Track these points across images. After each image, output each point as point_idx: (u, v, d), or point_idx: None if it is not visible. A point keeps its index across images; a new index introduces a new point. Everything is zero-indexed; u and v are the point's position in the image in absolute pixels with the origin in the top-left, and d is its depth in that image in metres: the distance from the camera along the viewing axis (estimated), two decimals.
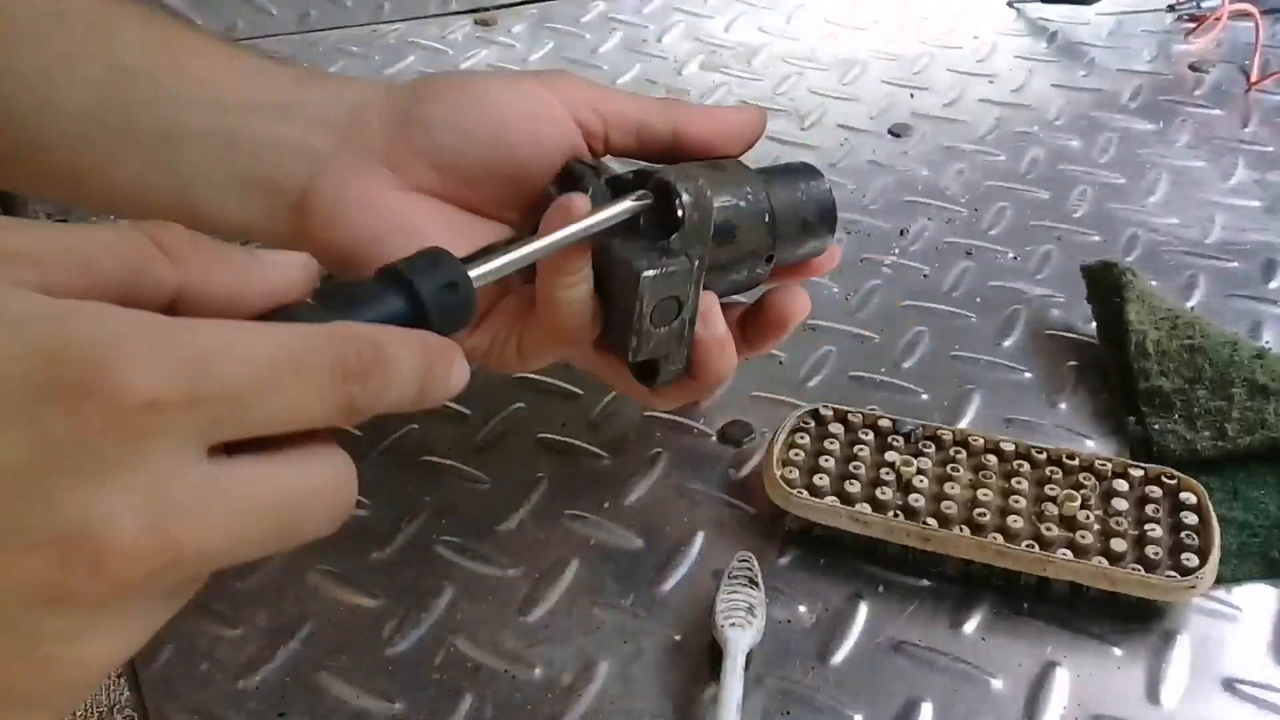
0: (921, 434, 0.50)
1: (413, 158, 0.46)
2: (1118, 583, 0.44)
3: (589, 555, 0.48)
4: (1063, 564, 0.44)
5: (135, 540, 0.25)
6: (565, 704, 0.42)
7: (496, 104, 0.46)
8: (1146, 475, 0.48)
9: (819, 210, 0.49)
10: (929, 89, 0.81)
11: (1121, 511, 0.46)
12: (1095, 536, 0.45)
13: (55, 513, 0.25)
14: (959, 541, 0.45)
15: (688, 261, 0.43)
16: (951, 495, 0.47)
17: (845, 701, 0.43)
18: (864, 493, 0.47)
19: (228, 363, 0.27)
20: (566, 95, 0.47)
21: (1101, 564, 0.44)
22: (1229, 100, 0.80)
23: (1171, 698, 0.43)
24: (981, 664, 0.44)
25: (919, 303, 0.62)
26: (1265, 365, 0.52)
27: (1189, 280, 0.63)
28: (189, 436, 0.26)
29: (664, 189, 0.43)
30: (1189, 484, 0.47)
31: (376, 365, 0.29)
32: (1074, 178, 0.72)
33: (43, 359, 0.25)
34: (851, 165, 0.73)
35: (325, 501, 0.29)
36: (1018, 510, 0.46)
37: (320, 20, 0.89)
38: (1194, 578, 0.44)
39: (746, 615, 0.43)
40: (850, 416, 0.51)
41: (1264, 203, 0.69)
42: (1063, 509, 0.46)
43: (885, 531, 0.46)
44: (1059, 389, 0.56)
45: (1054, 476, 0.48)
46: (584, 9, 0.90)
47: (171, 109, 0.45)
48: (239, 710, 0.42)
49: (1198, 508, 0.46)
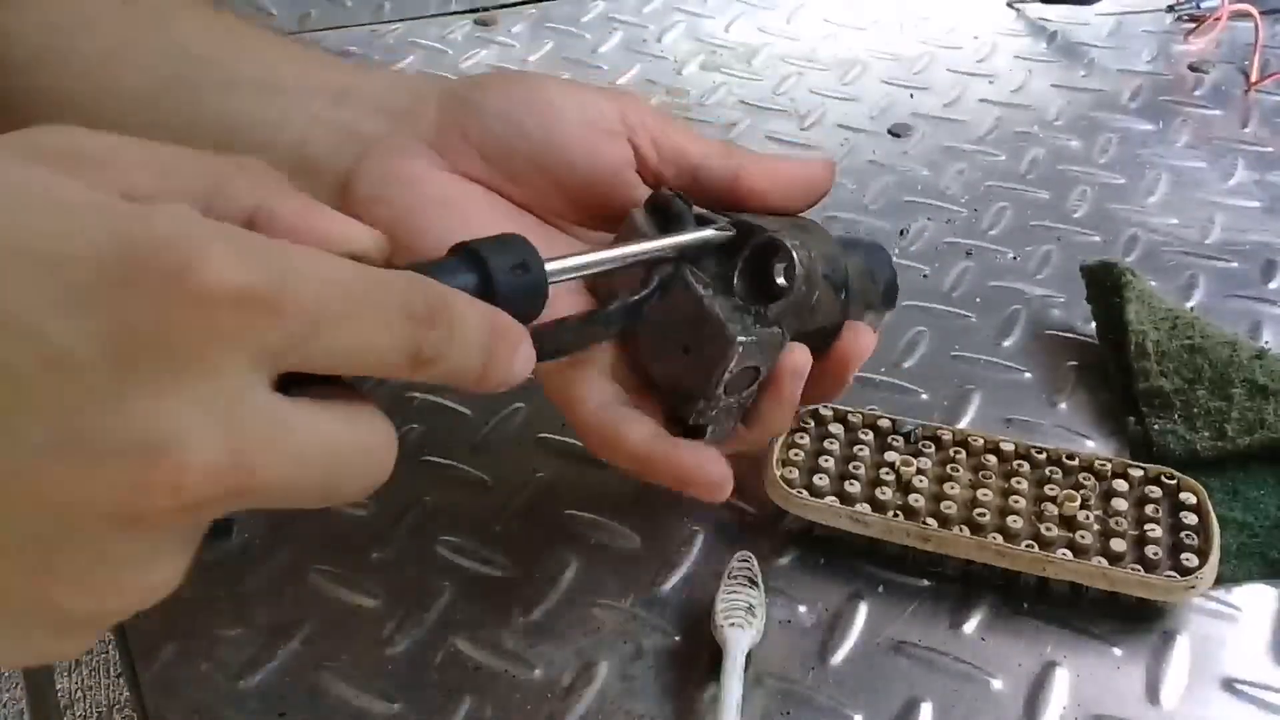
0: (921, 434, 0.50)
1: (462, 143, 0.45)
2: (1117, 583, 0.44)
3: (589, 555, 0.48)
4: (1062, 564, 0.44)
5: (216, 461, 0.24)
6: (565, 704, 0.42)
7: (556, 106, 0.45)
8: (1146, 475, 0.48)
9: (885, 294, 0.47)
10: (929, 89, 0.81)
11: (1121, 511, 0.46)
12: (1095, 537, 0.45)
13: (132, 421, 0.23)
14: (959, 542, 0.45)
15: (780, 334, 0.41)
16: (951, 495, 0.47)
17: (845, 701, 0.43)
18: (864, 493, 0.47)
19: (311, 279, 0.25)
20: (629, 117, 0.45)
21: (1101, 564, 0.44)
22: (1229, 100, 0.80)
23: (1171, 698, 0.43)
24: (981, 664, 0.44)
25: (919, 303, 0.62)
26: (1265, 365, 0.52)
27: (1189, 280, 0.63)
28: (264, 353, 0.25)
29: (771, 251, 0.41)
30: (1189, 484, 0.47)
31: (444, 316, 0.28)
32: (1074, 178, 0.72)
33: (124, 243, 0.23)
34: (851, 165, 0.73)
35: (370, 462, 0.28)
36: (1017, 510, 0.46)
37: (320, 20, 0.89)
38: (1193, 578, 0.44)
39: (746, 615, 0.43)
40: (850, 416, 0.51)
41: (1264, 203, 0.69)
42: (1062, 509, 0.46)
43: (884, 531, 0.46)
44: (1059, 389, 0.56)
45: (1054, 476, 0.48)
46: (584, 9, 0.90)
47: (227, 94, 0.45)
48: (239, 710, 0.42)
49: (1197, 508, 0.46)
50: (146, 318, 0.23)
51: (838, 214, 0.69)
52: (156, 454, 0.23)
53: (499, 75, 0.48)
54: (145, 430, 0.23)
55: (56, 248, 0.23)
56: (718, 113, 0.79)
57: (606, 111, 0.45)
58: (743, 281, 0.41)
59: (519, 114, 0.45)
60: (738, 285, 0.41)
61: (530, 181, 0.45)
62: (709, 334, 0.40)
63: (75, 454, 0.23)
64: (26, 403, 0.23)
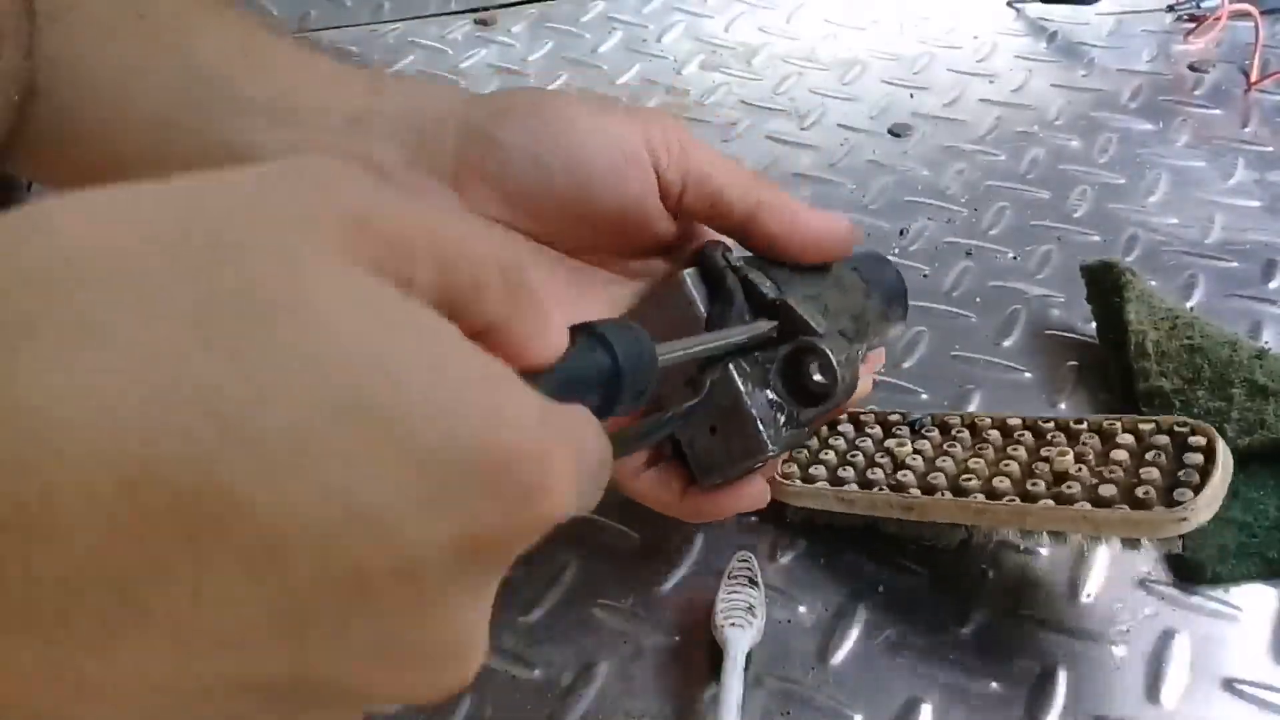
0: (929, 423, 0.49)
1: (482, 184, 0.43)
2: (1100, 525, 0.41)
3: (589, 555, 0.48)
4: (1041, 513, 0.42)
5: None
6: (565, 704, 0.42)
7: (579, 138, 0.43)
8: (1158, 426, 0.44)
9: (901, 311, 0.48)
10: (929, 89, 0.81)
11: (1119, 461, 0.43)
12: (1084, 488, 0.42)
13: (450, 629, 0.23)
14: (939, 505, 0.44)
15: (806, 433, 0.42)
16: (941, 468, 0.46)
17: (845, 701, 0.43)
18: (856, 476, 0.47)
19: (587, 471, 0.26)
20: (653, 140, 0.43)
21: (1084, 508, 0.41)
22: (1229, 100, 0.80)
23: (1171, 698, 0.43)
24: (981, 664, 0.44)
25: (919, 302, 0.62)
26: (1265, 366, 0.52)
27: (1189, 280, 0.63)
28: None
29: (808, 352, 0.42)
30: (1201, 428, 0.43)
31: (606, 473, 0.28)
32: (1074, 178, 0.72)
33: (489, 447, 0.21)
34: (851, 165, 0.73)
35: None
36: (1006, 473, 0.44)
37: (320, 20, 0.89)
38: (1184, 508, 0.40)
39: (746, 615, 0.43)
40: (862, 416, 0.51)
41: (1264, 203, 0.69)
42: (1054, 465, 0.44)
43: (869, 506, 0.46)
44: (1059, 389, 0.56)
45: (1054, 440, 0.46)
46: (584, 9, 0.90)
47: (238, 118, 0.44)
48: None
49: (1206, 448, 0.42)
50: (494, 532, 0.22)
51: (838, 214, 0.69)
52: (462, 662, 0.23)
53: (520, 100, 0.45)
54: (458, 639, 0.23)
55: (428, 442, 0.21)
56: (718, 112, 0.79)
57: (630, 136, 0.43)
58: (779, 379, 0.42)
59: (543, 151, 0.43)
60: (774, 382, 0.42)
61: (552, 217, 0.44)
62: (741, 428, 0.42)
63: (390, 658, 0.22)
64: (367, 607, 0.21)
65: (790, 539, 0.49)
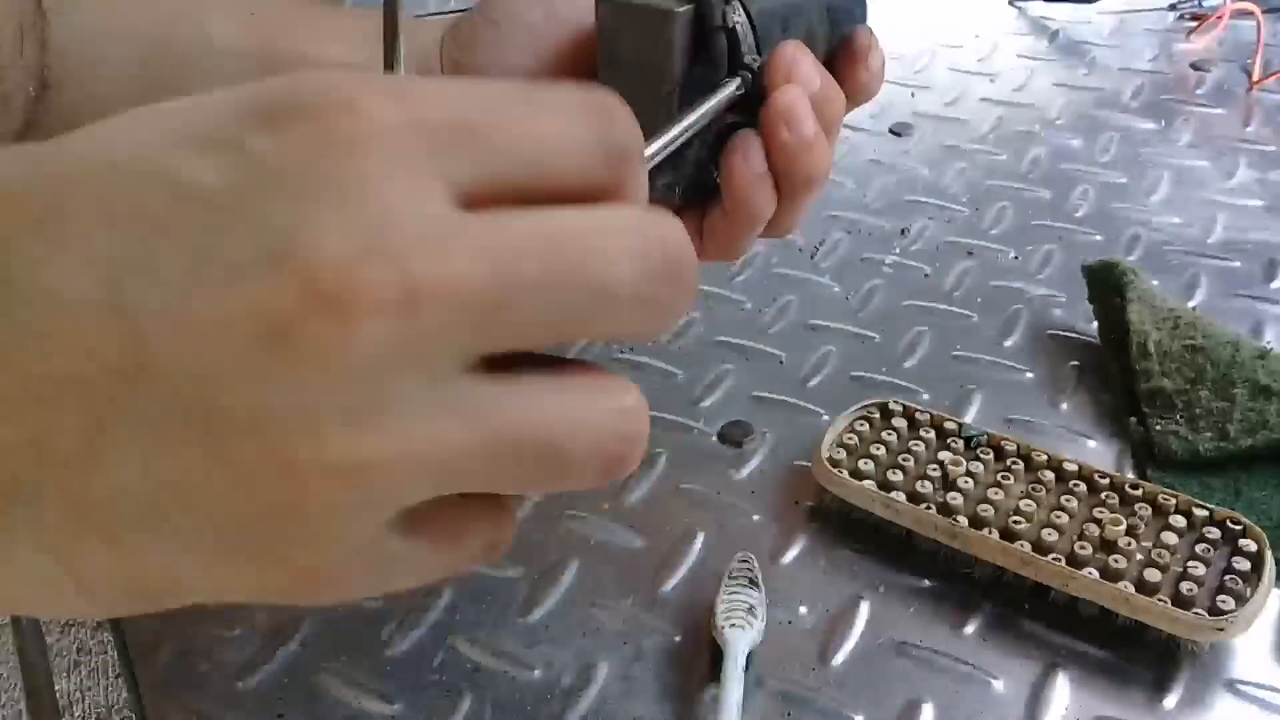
0: (984, 442, 0.49)
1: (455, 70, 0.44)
2: (1138, 611, 0.42)
3: (589, 555, 0.48)
4: (1085, 582, 0.43)
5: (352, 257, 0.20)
6: (565, 705, 0.42)
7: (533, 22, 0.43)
8: (1211, 516, 0.45)
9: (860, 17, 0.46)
10: (930, 88, 0.81)
11: (1170, 545, 0.44)
12: (1132, 564, 0.43)
13: (262, 234, 0.21)
14: (986, 543, 0.45)
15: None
16: (994, 500, 0.46)
17: (846, 703, 0.42)
18: (905, 484, 0.47)
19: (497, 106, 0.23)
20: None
21: (1126, 588, 0.42)
22: (1230, 99, 0.79)
23: (1173, 699, 0.42)
24: (983, 665, 0.44)
25: (920, 302, 0.62)
26: (1267, 366, 0.52)
27: (1191, 280, 0.63)
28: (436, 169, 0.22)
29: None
30: (1254, 532, 0.45)
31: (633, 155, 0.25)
32: (1075, 177, 0.72)
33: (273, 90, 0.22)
34: (852, 165, 0.73)
35: None
36: (1058, 525, 0.45)
37: None
38: (1224, 619, 0.41)
39: (747, 616, 0.43)
40: (918, 415, 0.50)
41: (1266, 202, 0.69)
42: (1105, 532, 0.44)
43: (914, 521, 0.46)
44: (1060, 389, 0.56)
45: (1107, 501, 0.46)
46: None
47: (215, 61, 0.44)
48: (237, 711, 0.42)
49: (1256, 555, 0.44)
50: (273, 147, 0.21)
51: (839, 213, 0.69)
52: (281, 253, 0.21)
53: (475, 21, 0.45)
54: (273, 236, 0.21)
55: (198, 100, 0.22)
56: None
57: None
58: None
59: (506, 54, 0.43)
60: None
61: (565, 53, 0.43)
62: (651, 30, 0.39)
63: (209, 276, 0.21)
64: (162, 238, 0.21)
65: (790, 539, 0.48)
